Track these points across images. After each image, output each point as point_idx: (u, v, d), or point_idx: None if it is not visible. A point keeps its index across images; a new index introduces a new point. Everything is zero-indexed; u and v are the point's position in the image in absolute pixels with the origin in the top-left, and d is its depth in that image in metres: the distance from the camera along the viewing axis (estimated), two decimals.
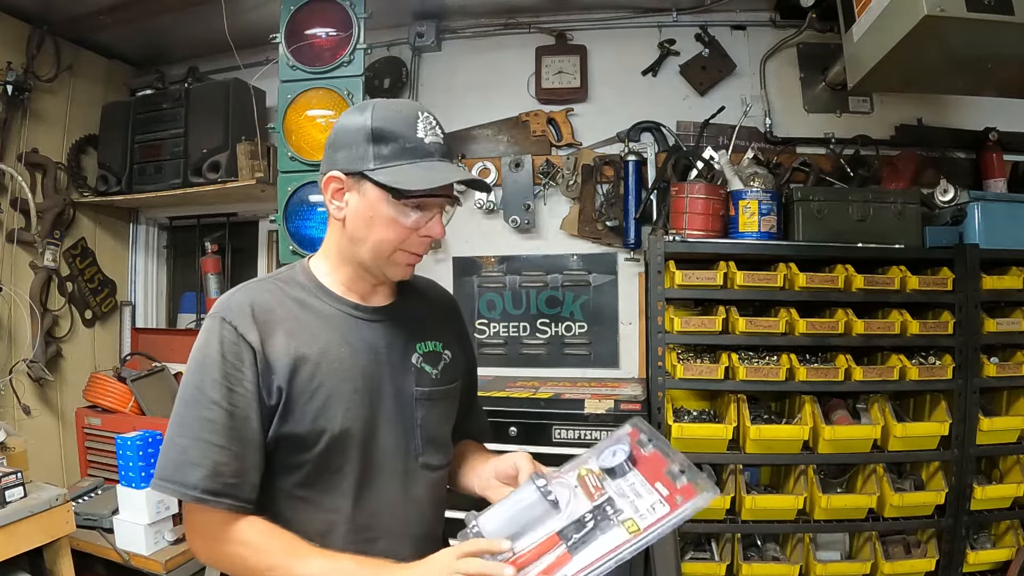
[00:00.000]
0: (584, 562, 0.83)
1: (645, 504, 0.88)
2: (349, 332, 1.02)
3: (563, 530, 0.87)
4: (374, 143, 0.95)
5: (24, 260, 2.60)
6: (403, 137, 0.95)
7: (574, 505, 0.91)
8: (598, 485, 0.93)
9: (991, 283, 2.06)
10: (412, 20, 2.69)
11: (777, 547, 2.16)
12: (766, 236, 2.15)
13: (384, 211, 0.96)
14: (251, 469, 0.93)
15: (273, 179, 2.31)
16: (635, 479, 0.93)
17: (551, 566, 0.83)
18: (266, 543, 0.90)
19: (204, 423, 0.91)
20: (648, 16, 2.62)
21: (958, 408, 2.02)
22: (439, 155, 0.97)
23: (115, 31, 2.68)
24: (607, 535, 0.85)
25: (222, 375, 0.92)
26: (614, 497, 0.91)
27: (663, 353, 2.10)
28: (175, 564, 2.08)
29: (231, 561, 0.92)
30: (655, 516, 0.86)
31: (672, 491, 0.89)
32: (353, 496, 0.98)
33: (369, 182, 0.95)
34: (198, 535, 0.95)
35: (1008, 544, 2.08)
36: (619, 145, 2.56)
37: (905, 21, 1.57)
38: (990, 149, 2.38)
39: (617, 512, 0.88)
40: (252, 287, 1.02)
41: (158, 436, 2.12)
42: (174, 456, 0.92)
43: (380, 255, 0.99)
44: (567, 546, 0.85)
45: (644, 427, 1.00)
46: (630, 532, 0.85)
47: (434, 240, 1.03)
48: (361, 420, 0.99)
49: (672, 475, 0.91)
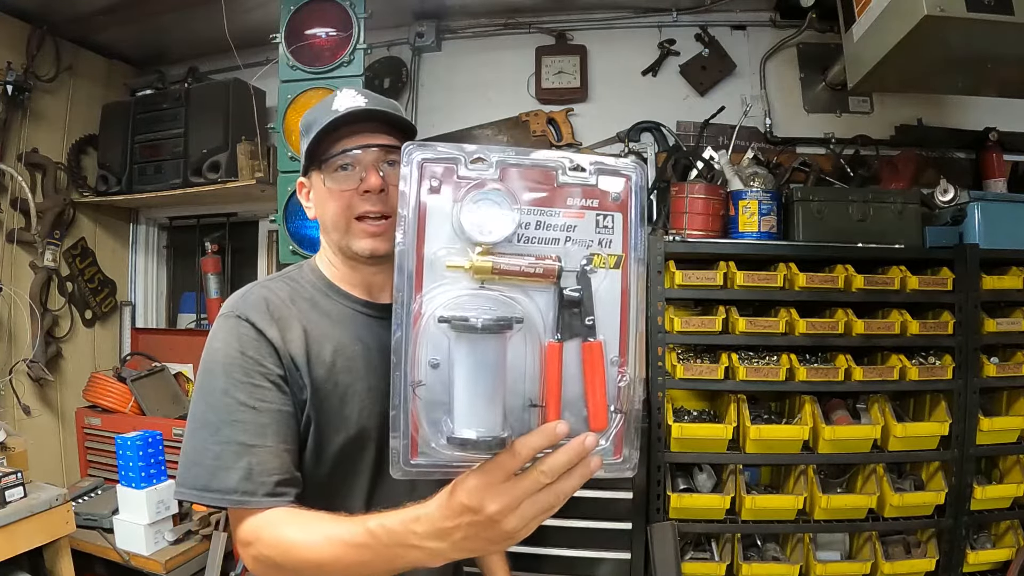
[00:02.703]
0: (615, 321, 0.64)
1: (585, 229, 0.65)
2: (361, 330, 1.02)
3: (558, 331, 0.64)
4: (304, 136, 1.02)
5: (24, 260, 2.60)
6: (320, 118, 0.98)
7: (518, 302, 0.64)
8: (510, 254, 0.64)
9: (991, 283, 2.06)
10: (412, 20, 2.69)
11: (777, 547, 2.16)
12: (766, 236, 2.15)
13: (322, 187, 1.00)
14: (291, 463, 0.90)
15: (273, 179, 2.31)
16: (535, 214, 0.65)
17: (588, 360, 0.63)
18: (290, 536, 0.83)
19: (235, 426, 0.88)
20: (648, 16, 2.62)
21: (958, 408, 2.02)
22: (354, 118, 0.98)
23: (115, 31, 2.68)
24: (603, 287, 0.65)
25: (244, 373, 0.90)
26: (562, 258, 0.65)
27: (663, 353, 2.10)
28: (175, 564, 2.08)
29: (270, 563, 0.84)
30: (616, 227, 0.65)
31: (578, 194, 0.65)
32: (366, 496, 0.98)
33: (312, 171, 1.01)
34: (241, 541, 0.87)
35: (1008, 544, 2.07)
36: (619, 145, 2.56)
37: (905, 21, 1.57)
38: (990, 149, 2.37)
39: (586, 261, 0.65)
40: (265, 284, 1.02)
41: (158, 436, 2.12)
42: (207, 464, 0.87)
43: (340, 230, 1.00)
44: (582, 335, 0.64)
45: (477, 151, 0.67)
46: (615, 267, 0.65)
47: (375, 195, 0.96)
48: (376, 418, 0.98)
49: (551, 167, 0.66)
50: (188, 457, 0.90)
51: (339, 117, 0.96)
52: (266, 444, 0.88)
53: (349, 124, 0.98)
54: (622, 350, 0.65)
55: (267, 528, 0.85)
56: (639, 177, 0.67)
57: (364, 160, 0.98)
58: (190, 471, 0.89)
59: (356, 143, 0.97)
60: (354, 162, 0.98)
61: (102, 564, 2.20)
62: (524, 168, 0.66)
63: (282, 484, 0.88)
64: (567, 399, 0.64)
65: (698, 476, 2.17)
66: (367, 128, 0.99)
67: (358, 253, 1.00)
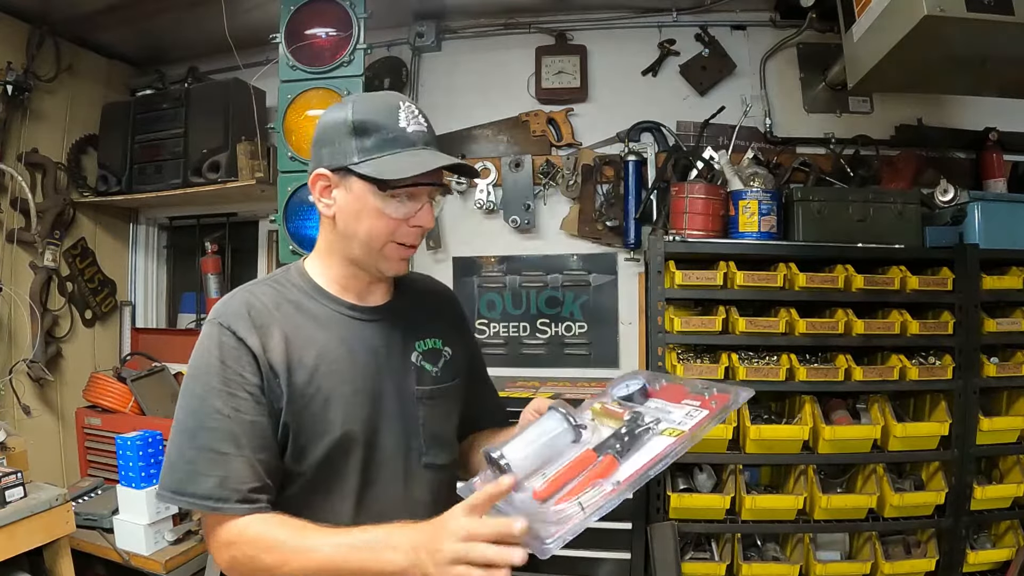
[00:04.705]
0: (638, 463, 0.79)
1: (678, 416, 0.85)
2: (347, 333, 1.02)
3: (599, 446, 0.84)
4: (356, 137, 0.95)
5: (24, 260, 2.60)
6: (385, 128, 0.95)
7: (599, 432, 0.88)
8: (622, 408, 0.89)
9: (991, 283, 2.06)
10: (412, 20, 2.69)
11: (777, 547, 2.16)
12: (766, 236, 2.15)
13: (371, 203, 0.95)
14: (263, 472, 0.92)
15: (273, 179, 2.31)
16: (658, 404, 0.90)
17: (598, 474, 0.79)
18: (273, 538, 0.87)
19: (209, 432, 0.90)
20: (648, 16, 2.62)
21: (958, 408, 2.02)
22: (422, 143, 0.97)
23: (115, 31, 2.68)
24: (651, 442, 0.81)
25: (222, 382, 0.92)
26: (643, 413, 0.87)
27: (663, 353, 2.10)
28: (175, 564, 2.07)
29: (250, 563, 0.89)
30: (696, 419, 0.82)
31: (703, 401, 0.85)
32: (355, 499, 0.98)
33: (354, 176, 0.95)
34: (215, 543, 0.92)
35: (1008, 544, 2.07)
36: (619, 145, 2.56)
37: (905, 21, 1.57)
38: (990, 149, 2.37)
39: (654, 422, 0.84)
40: (248, 290, 1.02)
41: (158, 436, 2.12)
42: (182, 468, 0.91)
43: (371, 249, 0.98)
44: (614, 453, 0.81)
45: (650, 373, 1.00)
46: (674, 436, 0.81)
47: (424, 230, 1.00)
48: (362, 422, 0.98)
49: (697, 391, 0.88)
50: (168, 459, 0.93)
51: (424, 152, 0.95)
52: (241, 453, 0.90)
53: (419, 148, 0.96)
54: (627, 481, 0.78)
55: (248, 533, 0.88)
56: (738, 398, 0.86)
57: (422, 194, 0.97)
58: (168, 473, 0.93)
59: (428, 179, 0.96)
60: (416, 193, 0.97)
61: (102, 564, 2.20)
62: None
63: (255, 491, 0.90)
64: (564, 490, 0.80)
65: (698, 476, 2.17)
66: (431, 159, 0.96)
67: (383, 273, 1.01)
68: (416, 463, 1.04)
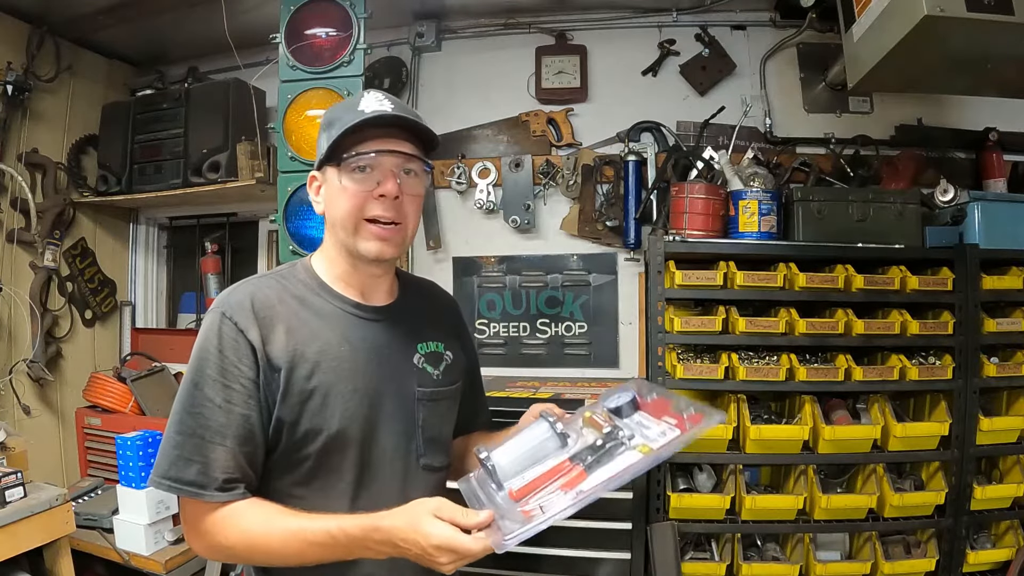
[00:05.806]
0: (601, 477, 0.85)
1: (655, 432, 0.91)
2: (349, 331, 1.02)
3: (575, 455, 0.91)
4: (325, 131, 1.02)
5: (24, 260, 2.60)
6: (346, 116, 0.98)
7: (583, 439, 0.95)
8: (607, 420, 0.97)
9: (991, 283, 2.06)
10: (412, 20, 2.69)
11: (777, 547, 2.16)
12: (766, 236, 2.15)
13: (336, 183, 0.99)
14: (247, 464, 0.94)
15: (273, 179, 2.31)
16: (641, 418, 0.97)
17: (566, 484, 0.86)
18: (251, 528, 0.91)
19: (199, 419, 0.92)
20: (648, 16, 2.62)
21: (958, 408, 2.02)
22: (380, 118, 0.98)
23: (115, 31, 2.68)
24: (621, 456, 0.88)
25: (219, 371, 0.93)
26: (620, 428, 0.94)
27: (663, 353, 2.10)
28: (175, 564, 2.08)
29: (228, 552, 0.93)
30: (666, 439, 0.89)
31: (680, 420, 0.91)
32: (350, 497, 0.98)
33: (328, 167, 1.00)
34: (193, 530, 0.95)
35: (1008, 544, 2.07)
36: (619, 145, 2.56)
37: (905, 21, 1.57)
38: (990, 149, 2.37)
39: (629, 438, 0.91)
40: (253, 283, 1.02)
41: (158, 436, 2.12)
42: (169, 452, 0.93)
43: (347, 230, 1.00)
44: (583, 466, 0.88)
45: (645, 384, 1.05)
46: (643, 452, 0.87)
47: (389, 200, 0.98)
48: (359, 420, 0.98)
49: (678, 409, 0.94)
50: (161, 444, 0.96)
51: (366, 119, 0.97)
52: (224, 443, 0.92)
53: (373, 127, 0.98)
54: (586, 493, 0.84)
55: (229, 519, 0.91)
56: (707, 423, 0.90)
57: (384, 164, 0.99)
58: (159, 458, 0.95)
59: (379, 146, 0.98)
60: (373, 165, 0.98)
61: (102, 564, 2.20)
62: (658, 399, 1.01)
63: (233, 481, 0.92)
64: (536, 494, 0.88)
65: (698, 476, 2.18)
66: (390, 134, 0.99)
67: (363, 254, 1.01)
68: (414, 464, 1.04)
